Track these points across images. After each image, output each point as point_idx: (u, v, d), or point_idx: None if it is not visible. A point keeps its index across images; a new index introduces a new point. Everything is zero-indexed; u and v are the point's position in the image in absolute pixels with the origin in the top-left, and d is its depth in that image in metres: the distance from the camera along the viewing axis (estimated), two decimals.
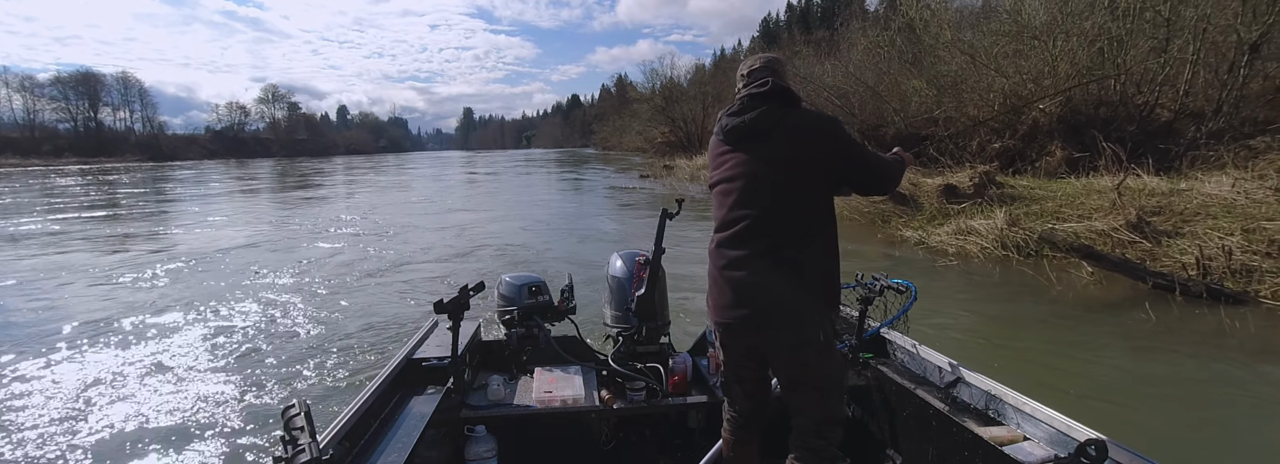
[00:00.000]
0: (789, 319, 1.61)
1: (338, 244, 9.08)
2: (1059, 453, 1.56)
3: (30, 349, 4.53)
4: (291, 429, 1.28)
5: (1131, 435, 3.00)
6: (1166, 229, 6.44)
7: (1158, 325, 4.64)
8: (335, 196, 18.63)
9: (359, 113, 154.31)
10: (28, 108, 60.73)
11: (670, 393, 2.27)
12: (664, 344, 2.45)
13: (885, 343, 2.37)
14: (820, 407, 1.66)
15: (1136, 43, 10.77)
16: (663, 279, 2.35)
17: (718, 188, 1.72)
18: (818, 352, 1.63)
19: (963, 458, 1.77)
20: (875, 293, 2.26)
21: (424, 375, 2.15)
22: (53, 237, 10.21)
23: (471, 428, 2.02)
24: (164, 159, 58.31)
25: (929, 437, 1.93)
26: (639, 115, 44.84)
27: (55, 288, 6.48)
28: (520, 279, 2.53)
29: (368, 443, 1.71)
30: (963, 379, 1.98)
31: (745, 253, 1.62)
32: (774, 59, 1.75)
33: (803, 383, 1.66)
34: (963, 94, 13.03)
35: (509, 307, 2.47)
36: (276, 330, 4.90)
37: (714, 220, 1.74)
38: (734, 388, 1.85)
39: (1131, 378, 3.88)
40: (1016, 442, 1.67)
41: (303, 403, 1.34)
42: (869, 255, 7.61)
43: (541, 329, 2.45)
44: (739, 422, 1.87)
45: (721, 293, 1.68)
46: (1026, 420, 1.72)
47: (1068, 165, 10.31)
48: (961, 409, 1.89)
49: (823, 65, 18.94)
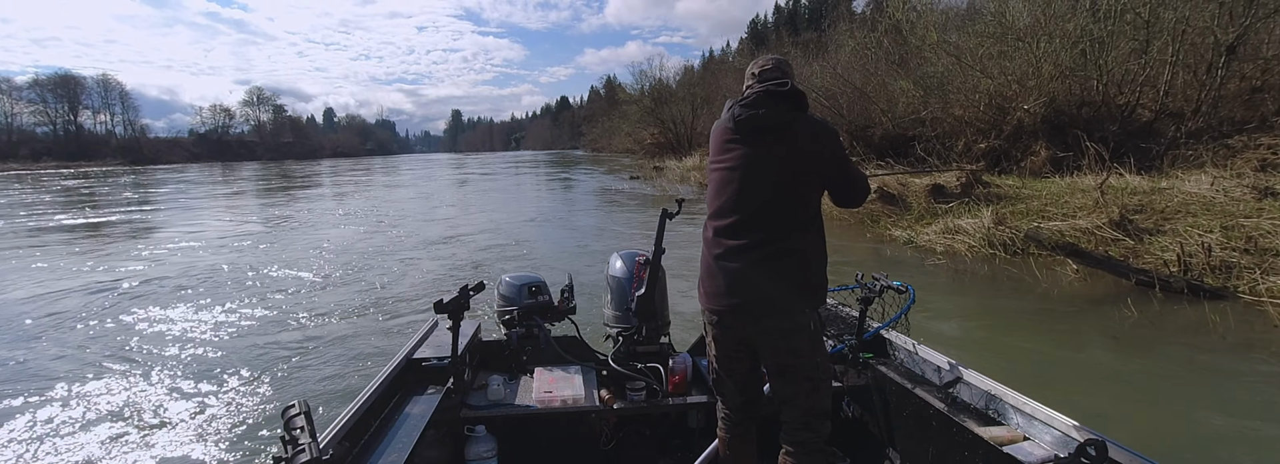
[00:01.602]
0: (782, 307, 1.66)
1: (328, 246, 9.01)
2: (1059, 453, 1.57)
3: (30, 349, 4.49)
4: (291, 429, 1.29)
5: (1119, 427, 3.07)
6: (1148, 227, 6.55)
7: (1140, 320, 4.74)
8: (324, 198, 18.49)
9: (346, 115, 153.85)
10: (4, 111, 59.82)
11: (670, 393, 2.27)
12: (664, 344, 2.45)
13: (885, 343, 2.39)
14: (809, 397, 1.70)
15: (1118, 44, 10.94)
16: (663, 279, 2.36)
17: (719, 174, 1.76)
18: (809, 339, 1.68)
19: (963, 458, 1.78)
20: (875, 293, 2.28)
21: (424, 375, 2.15)
22: (35, 239, 10.06)
23: (471, 428, 2.02)
24: (146, 162, 57.45)
25: (929, 436, 1.94)
26: (628, 117, 44.74)
27: (50, 292, 6.38)
28: (520, 279, 2.53)
29: (368, 443, 1.71)
30: (962, 379, 1.98)
31: (742, 243, 1.67)
32: (784, 61, 1.82)
33: (794, 370, 1.70)
34: (949, 95, 13.15)
35: (509, 307, 2.47)
36: (276, 331, 4.88)
37: (709, 205, 1.78)
38: (726, 382, 1.86)
39: (1117, 371, 3.96)
40: (1016, 442, 1.68)
41: (303, 403, 1.35)
42: (858, 254, 7.69)
43: (541, 329, 2.46)
44: (734, 419, 1.89)
45: (715, 281, 1.72)
46: (1026, 420, 1.73)
47: (1052, 165, 10.45)
48: (961, 409, 1.90)
49: (811, 66, 19.02)
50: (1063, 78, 11.44)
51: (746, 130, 1.71)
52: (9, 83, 61.74)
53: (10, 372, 4.11)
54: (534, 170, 36.04)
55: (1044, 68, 11.60)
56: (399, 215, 13.44)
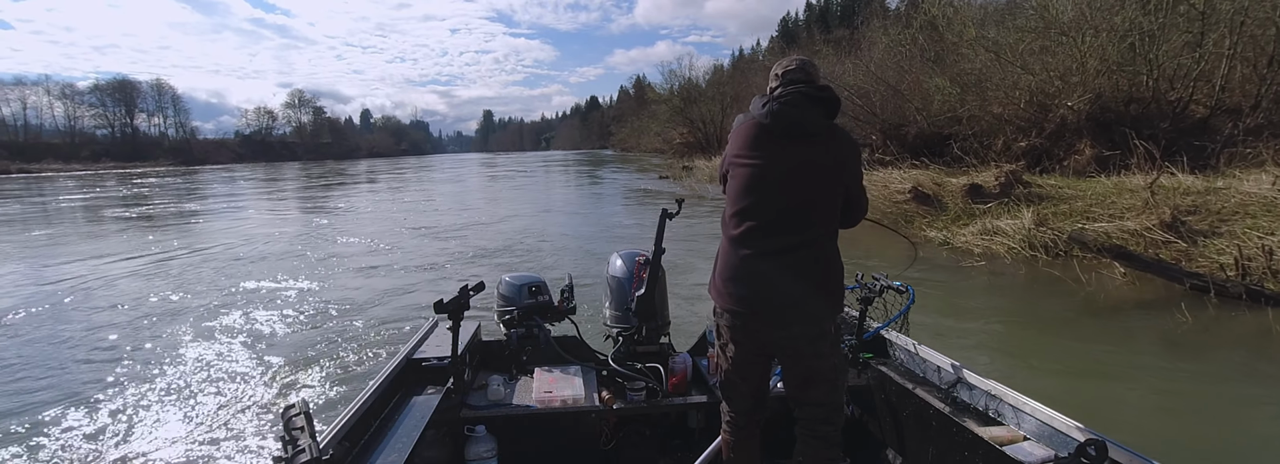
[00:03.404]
0: (811, 313, 1.66)
1: (353, 242, 9.20)
2: (1059, 453, 1.57)
3: (29, 349, 4.58)
4: (291, 429, 1.30)
5: (1177, 436, 2.88)
6: (1203, 229, 6.25)
7: (1195, 326, 4.51)
8: (358, 196, 18.94)
9: (382, 116, 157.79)
10: (68, 115, 63.15)
11: (670, 393, 2.26)
12: (664, 344, 2.45)
13: (885, 343, 2.38)
14: (829, 395, 1.72)
15: (1170, 37, 10.44)
16: (663, 279, 2.36)
17: (746, 172, 1.70)
18: (830, 343, 1.71)
19: (963, 458, 1.77)
20: (875, 293, 2.30)
21: (424, 375, 2.15)
22: (75, 235, 10.48)
23: (471, 428, 2.01)
24: (195, 163, 59.79)
25: (929, 437, 1.93)
26: (657, 116, 44.79)
27: (63, 290, 6.61)
28: (520, 279, 2.53)
29: (368, 443, 1.71)
30: (963, 379, 1.98)
31: (771, 246, 1.65)
32: (810, 63, 1.79)
33: (818, 374, 1.70)
34: (987, 92, 12.79)
35: (509, 307, 2.47)
36: (275, 331, 4.91)
37: (733, 203, 1.73)
38: (738, 385, 1.83)
39: (1171, 380, 3.78)
40: (1016, 442, 1.68)
41: (303, 403, 1.36)
42: (890, 256, 7.46)
43: (541, 329, 2.45)
44: (739, 422, 1.87)
45: (739, 284, 1.69)
46: (1026, 420, 1.73)
47: (1097, 164, 10.03)
48: (961, 409, 1.89)
49: (843, 64, 18.73)
50: (1109, 73, 11.00)
51: (782, 130, 1.67)
52: (72, 88, 65.19)
53: (11, 370, 4.15)
54: (564, 169, 36.32)
55: (1089, 63, 11.17)
56: (444, 209, 13.69)
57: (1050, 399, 1.73)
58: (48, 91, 62.59)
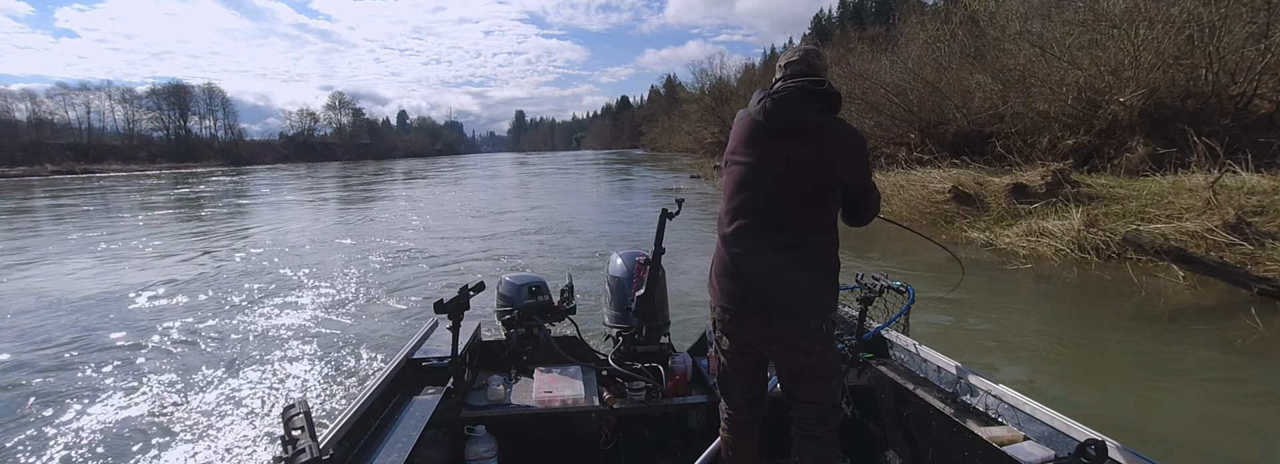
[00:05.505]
0: (798, 311, 1.63)
1: (385, 240, 9.33)
2: (1059, 453, 1.57)
3: (29, 350, 4.58)
4: (291, 429, 1.32)
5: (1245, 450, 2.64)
6: (1271, 230, 5.91)
7: (1267, 333, 4.22)
8: (395, 195, 19.29)
9: (418, 117, 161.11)
10: (128, 118, 66.35)
11: (670, 393, 2.26)
12: (664, 344, 2.45)
13: (885, 343, 2.37)
14: (822, 393, 1.70)
15: (1232, 29, 9.85)
16: (663, 279, 2.36)
17: (740, 169, 1.69)
18: (822, 341, 1.67)
19: (963, 458, 1.78)
20: (875, 293, 2.29)
21: (424, 375, 2.16)
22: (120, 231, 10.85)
23: (471, 428, 2.00)
24: (242, 163, 62.14)
25: (929, 437, 1.94)
26: (688, 116, 44.64)
27: (75, 286, 6.76)
28: (520, 279, 2.53)
29: (368, 443, 1.71)
30: (963, 379, 1.97)
31: (763, 244, 1.64)
32: (816, 52, 1.74)
33: (808, 371, 1.69)
34: (1032, 88, 12.30)
35: (509, 307, 2.47)
36: (275, 331, 4.90)
37: (727, 200, 1.72)
38: (733, 380, 1.83)
39: (1243, 391, 3.51)
40: (1016, 442, 1.68)
41: (303, 403, 1.38)
42: (930, 258, 7.16)
43: (541, 329, 2.45)
44: (737, 419, 1.86)
45: (731, 281, 1.68)
46: (1026, 420, 1.73)
47: (1151, 162, 9.53)
48: (961, 409, 1.89)
49: (879, 61, 18.31)
50: (1165, 67, 10.47)
51: (776, 126, 1.63)
52: (131, 92, 68.57)
53: (14, 369, 4.18)
54: (595, 169, 36.44)
55: (1143, 57, 10.64)
56: (482, 208, 13.88)
57: (1089, 409, 1.62)
58: (109, 96, 65.94)
